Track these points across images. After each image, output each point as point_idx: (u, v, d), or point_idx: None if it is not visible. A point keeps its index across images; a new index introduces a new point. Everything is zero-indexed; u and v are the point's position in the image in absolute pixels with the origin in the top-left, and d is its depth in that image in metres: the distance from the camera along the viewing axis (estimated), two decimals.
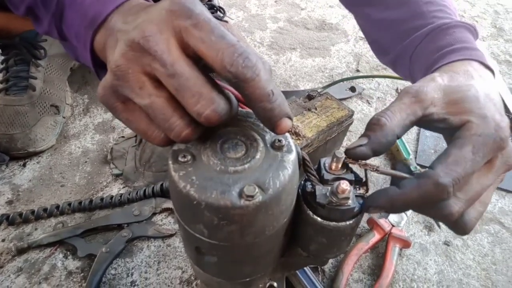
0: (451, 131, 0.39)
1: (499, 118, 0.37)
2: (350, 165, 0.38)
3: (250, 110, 0.35)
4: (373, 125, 0.37)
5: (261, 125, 0.35)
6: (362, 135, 0.38)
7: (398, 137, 0.37)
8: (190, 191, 0.30)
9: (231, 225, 0.31)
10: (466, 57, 0.47)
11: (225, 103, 0.30)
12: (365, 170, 0.38)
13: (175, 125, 0.30)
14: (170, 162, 0.32)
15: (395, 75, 1.11)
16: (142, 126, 0.33)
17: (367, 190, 0.38)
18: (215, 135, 0.34)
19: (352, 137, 0.95)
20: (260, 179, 0.31)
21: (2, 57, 0.88)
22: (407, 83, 1.11)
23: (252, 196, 0.29)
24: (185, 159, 0.31)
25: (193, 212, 0.31)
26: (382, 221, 0.72)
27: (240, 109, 0.35)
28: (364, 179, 0.38)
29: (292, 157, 0.33)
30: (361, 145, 0.36)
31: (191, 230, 0.34)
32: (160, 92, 0.30)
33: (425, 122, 0.40)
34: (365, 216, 0.78)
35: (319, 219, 0.36)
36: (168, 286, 0.65)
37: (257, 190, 0.29)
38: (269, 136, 0.35)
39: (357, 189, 0.38)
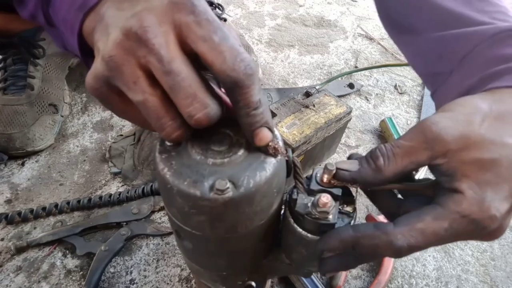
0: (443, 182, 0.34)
1: (496, 205, 0.31)
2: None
3: None
4: (371, 159, 0.35)
5: None
6: (359, 159, 0.36)
7: (390, 182, 0.35)
8: (166, 174, 0.30)
9: (200, 215, 0.31)
10: None
11: (217, 107, 0.29)
12: (356, 188, 0.37)
13: (166, 125, 0.29)
14: (157, 144, 0.33)
15: (394, 62, 1.11)
16: (141, 116, 0.32)
17: (354, 210, 0.36)
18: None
19: (351, 134, 0.95)
20: (235, 175, 0.30)
21: (0, 57, 0.88)
22: (405, 80, 1.11)
23: (222, 191, 0.29)
24: (171, 144, 0.32)
25: (168, 195, 0.32)
26: (381, 217, 0.72)
27: None
28: (355, 197, 0.37)
29: (274, 161, 0.32)
30: (348, 171, 0.35)
31: (169, 213, 0.35)
32: (154, 90, 0.29)
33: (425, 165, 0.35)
34: (364, 212, 0.78)
35: (298, 228, 0.36)
36: (167, 284, 0.66)
37: (228, 185, 0.29)
38: None
39: (344, 206, 0.36)
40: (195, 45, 0.28)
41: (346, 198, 0.37)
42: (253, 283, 0.44)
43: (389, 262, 0.67)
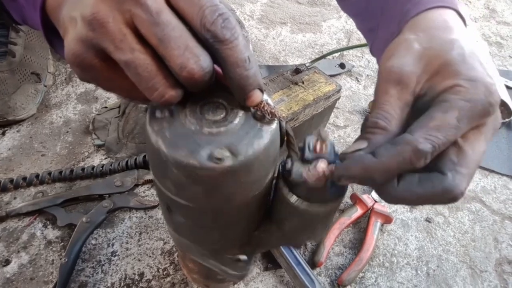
0: (435, 98, 0.34)
1: (489, 81, 0.33)
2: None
3: None
4: (371, 128, 0.34)
5: None
6: (360, 138, 0.34)
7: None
8: (161, 146, 0.29)
9: (196, 186, 0.30)
10: (442, 4, 0.41)
11: (209, 60, 0.28)
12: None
13: (159, 84, 0.28)
14: (147, 116, 0.31)
15: None
16: (127, 84, 0.30)
17: None
18: (198, 95, 0.33)
19: (339, 114, 0.95)
20: (233, 144, 0.30)
21: None
22: None
23: (220, 159, 0.28)
24: (162, 115, 0.31)
25: (162, 167, 0.31)
26: (365, 197, 0.73)
27: None
28: None
29: (271, 128, 0.32)
30: (359, 149, 0.33)
31: (161, 186, 0.34)
32: (144, 47, 0.28)
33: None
34: (348, 191, 0.78)
35: (293, 197, 0.35)
36: (150, 256, 0.65)
37: (227, 154, 0.29)
38: None
39: None
40: (175, 1, 0.28)
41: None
42: (243, 257, 0.44)
43: (371, 240, 0.68)
